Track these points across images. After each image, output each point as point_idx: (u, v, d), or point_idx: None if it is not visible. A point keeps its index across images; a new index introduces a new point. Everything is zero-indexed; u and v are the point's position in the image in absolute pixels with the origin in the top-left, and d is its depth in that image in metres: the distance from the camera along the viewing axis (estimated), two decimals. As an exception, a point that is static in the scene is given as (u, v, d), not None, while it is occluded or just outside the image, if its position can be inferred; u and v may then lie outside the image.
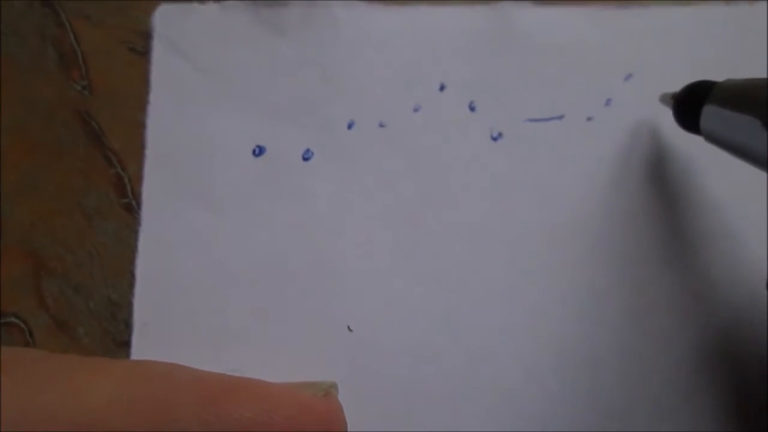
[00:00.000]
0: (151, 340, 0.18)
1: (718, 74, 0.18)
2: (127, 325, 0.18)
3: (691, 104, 0.17)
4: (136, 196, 0.19)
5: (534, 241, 0.19)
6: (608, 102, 0.20)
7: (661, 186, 0.20)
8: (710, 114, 0.17)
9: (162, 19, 0.20)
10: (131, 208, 0.19)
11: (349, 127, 0.19)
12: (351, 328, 0.18)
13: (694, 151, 0.20)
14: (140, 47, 0.20)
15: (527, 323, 0.19)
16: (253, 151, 0.19)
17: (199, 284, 0.18)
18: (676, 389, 0.18)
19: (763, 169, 0.15)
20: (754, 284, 0.19)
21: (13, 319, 0.19)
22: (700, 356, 0.19)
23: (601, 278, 0.19)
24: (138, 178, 0.19)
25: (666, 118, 0.19)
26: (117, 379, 0.14)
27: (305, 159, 0.19)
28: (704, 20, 0.20)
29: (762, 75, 0.19)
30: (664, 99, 0.19)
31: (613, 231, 0.19)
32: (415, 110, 0.20)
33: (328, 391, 0.15)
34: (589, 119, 0.20)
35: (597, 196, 0.20)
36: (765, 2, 0.20)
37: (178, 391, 0.14)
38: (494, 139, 0.20)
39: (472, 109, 0.20)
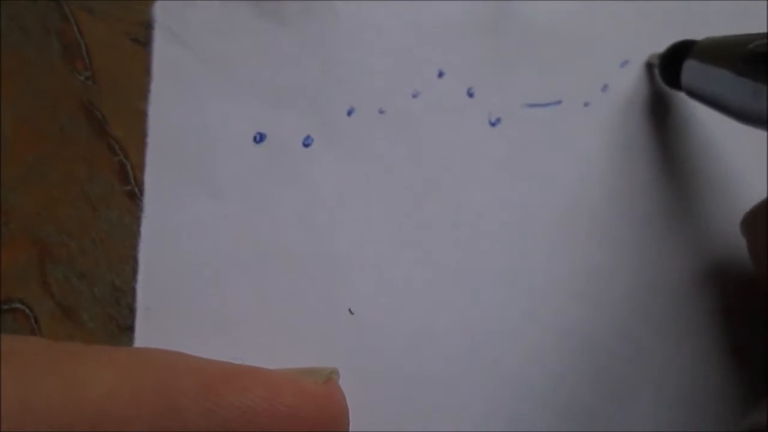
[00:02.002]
0: (155, 324, 0.17)
1: None
2: (131, 310, 0.17)
3: (673, 61, 0.18)
4: (139, 183, 0.18)
5: (533, 225, 0.18)
6: (605, 88, 0.19)
7: (658, 169, 0.19)
8: (690, 69, 0.17)
9: (163, 9, 0.19)
10: (134, 195, 0.18)
11: (349, 113, 0.18)
12: (352, 311, 0.17)
13: (691, 134, 0.19)
14: (142, 38, 0.19)
15: (528, 306, 0.18)
16: (254, 138, 0.18)
17: (201, 269, 0.17)
18: (676, 370, 0.18)
19: (738, 119, 0.16)
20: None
21: (18, 305, 0.18)
22: (700, 338, 0.18)
23: (601, 261, 0.18)
24: (140, 166, 0.18)
25: (661, 102, 0.18)
26: (118, 367, 0.13)
27: (305, 145, 0.18)
28: (701, 9, 0.20)
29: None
30: (652, 58, 0.19)
31: (611, 214, 0.19)
32: (414, 96, 0.19)
33: (330, 377, 0.15)
34: (586, 104, 0.19)
35: (594, 180, 0.19)
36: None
37: (180, 379, 0.13)
38: (493, 124, 0.19)
39: (470, 95, 0.19)
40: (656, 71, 0.19)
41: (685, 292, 0.18)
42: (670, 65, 0.18)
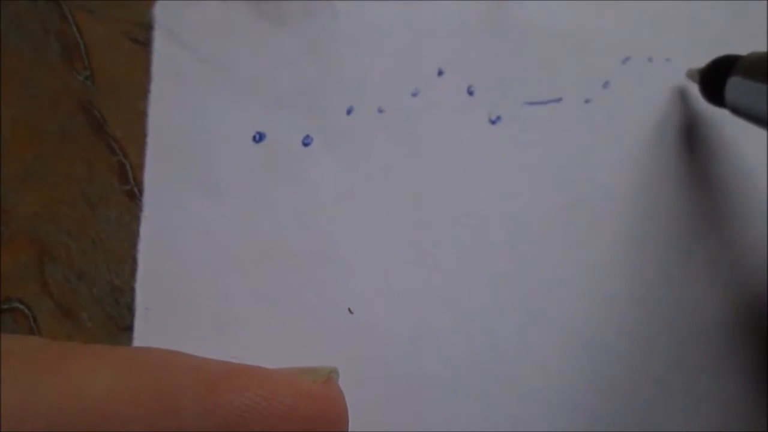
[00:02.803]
0: (154, 324, 0.17)
1: (717, 56, 0.17)
2: (130, 310, 0.17)
3: (716, 77, 0.17)
4: (138, 183, 0.18)
5: (534, 223, 0.18)
6: (606, 84, 0.19)
7: (661, 167, 0.19)
8: (735, 86, 0.16)
9: (163, 10, 0.19)
10: (133, 195, 0.18)
11: (348, 112, 0.18)
12: (352, 310, 0.17)
13: (694, 133, 0.19)
14: (142, 38, 0.19)
15: (528, 305, 0.18)
16: (253, 138, 0.18)
17: (201, 269, 0.17)
18: (678, 369, 0.18)
19: None
20: (757, 264, 0.18)
21: (17, 305, 0.18)
22: (701, 335, 0.18)
23: (602, 259, 0.18)
24: (140, 166, 0.18)
25: (665, 99, 0.18)
26: (116, 367, 0.13)
27: (305, 145, 0.18)
28: (702, 6, 0.19)
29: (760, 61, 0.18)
30: (690, 74, 0.19)
31: (613, 212, 0.18)
32: (414, 95, 0.19)
33: (329, 376, 0.14)
34: (587, 101, 0.19)
35: (596, 178, 0.19)
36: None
37: (178, 378, 0.13)
38: (493, 122, 0.19)
39: (470, 93, 0.19)
40: (696, 86, 0.18)
41: (688, 289, 0.18)
42: (712, 81, 0.17)
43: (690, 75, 0.19)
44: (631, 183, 0.19)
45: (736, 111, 0.17)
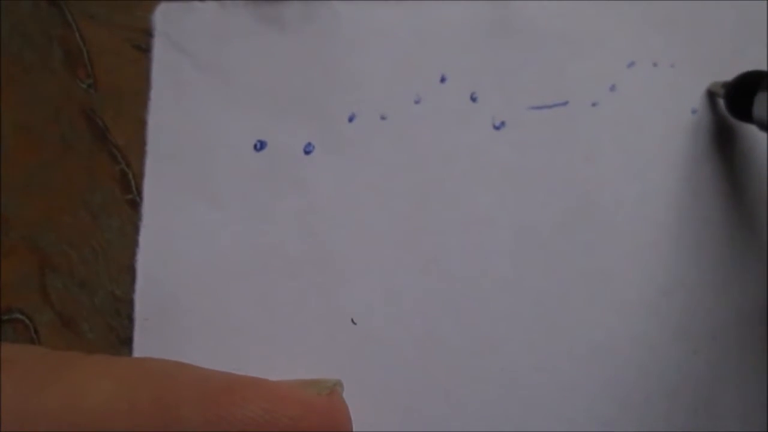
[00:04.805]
0: (153, 335, 0.17)
1: (719, 63, 0.17)
2: (132, 321, 0.17)
3: (743, 92, 0.17)
4: (141, 192, 0.18)
5: (541, 229, 0.18)
6: (613, 88, 0.19)
7: (670, 170, 0.19)
8: (764, 101, 0.16)
9: (162, 17, 0.19)
10: (136, 204, 0.18)
11: (350, 120, 0.18)
12: (355, 321, 0.17)
13: (703, 135, 0.19)
14: (145, 45, 0.19)
15: (536, 312, 0.18)
16: (255, 146, 0.18)
17: (201, 279, 0.17)
18: (693, 377, 0.17)
19: None
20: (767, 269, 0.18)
21: (18, 316, 0.18)
22: (715, 342, 0.18)
23: (612, 265, 0.18)
24: (143, 175, 0.18)
25: (673, 102, 0.18)
26: (118, 377, 0.13)
27: (307, 153, 0.18)
28: (704, 10, 0.19)
29: (761, 63, 0.18)
30: (714, 87, 0.18)
31: (622, 216, 0.18)
32: (416, 102, 0.19)
33: (333, 389, 0.14)
34: (594, 105, 0.19)
35: (604, 181, 0.18)
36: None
37: (180, 390, 0.13)
38: (497, 128, 0.19)
39: (473, 99, 0.19)
40: (720, 101, 0.18)
41: (700, 296, 0.18)
42: (739, 96, 0.17)
43: (713, 88, 0.19)
44: (640, 186, 0.18)
45: (764, 126, 0.17)
